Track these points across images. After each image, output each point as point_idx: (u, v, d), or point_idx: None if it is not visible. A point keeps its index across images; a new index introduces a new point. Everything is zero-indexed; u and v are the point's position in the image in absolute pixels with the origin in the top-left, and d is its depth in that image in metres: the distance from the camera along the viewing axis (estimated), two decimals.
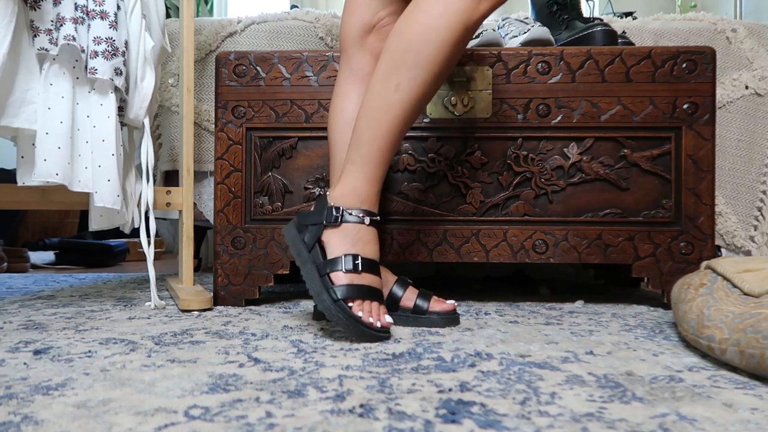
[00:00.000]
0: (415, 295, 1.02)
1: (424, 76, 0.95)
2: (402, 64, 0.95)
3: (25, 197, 1.28)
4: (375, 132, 0.96)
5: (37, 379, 0.66)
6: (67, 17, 1.12)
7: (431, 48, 0.94)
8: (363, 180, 0.96)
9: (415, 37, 0.95)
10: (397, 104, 0.95)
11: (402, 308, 1.01)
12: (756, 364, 0.67)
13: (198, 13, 2.20)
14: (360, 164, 0.96)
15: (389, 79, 0.96)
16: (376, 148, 0.96)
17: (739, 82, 1.59)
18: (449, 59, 0.95)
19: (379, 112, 0.96)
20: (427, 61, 0.94)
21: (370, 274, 0.92)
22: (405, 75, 0.95)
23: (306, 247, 0.95)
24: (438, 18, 0.94)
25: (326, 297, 0.89)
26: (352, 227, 0.94)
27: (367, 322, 0.87)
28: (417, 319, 1.00)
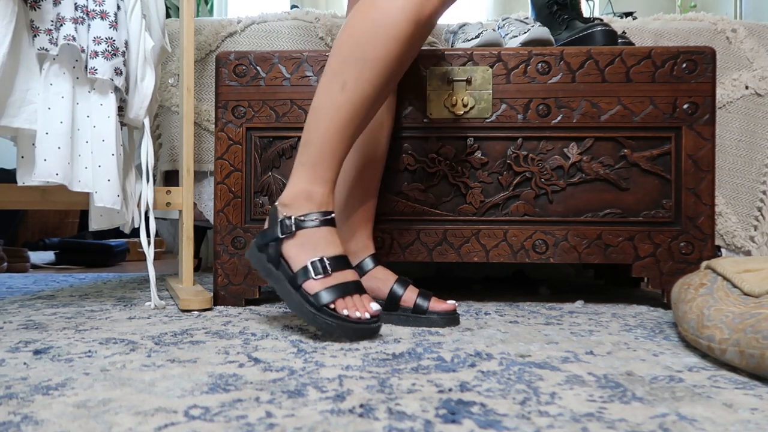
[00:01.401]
0: (415, 295, 1.01)
1: (370, 74, 0.91)
2: (349, 62, 0.92)
3: (25, 197, 1.28)
4: (324, 133, 0.92)
5: (37, 379, 0.66)
6: (67, 17, 1.12)
7: (379, 45, 0.90)
8: (313, 182, 0.93)
9: (362, 34, 0.91)
10: (345, 104, 0.92)
11: (402, 308, 1.01)
12: (756, 364, 0.67)
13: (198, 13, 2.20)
14: (309, 166, 0.93)
15: (336, 77, 0.93)
16: (326, 149, 0.92)
17: (739, 82, 1.59)
18: (399, 57, 0.92)
19: (327, 111, 0.93)
20: (375, 59, 0.91)
21: (341, 271, 0.90)
22: (352, 73, 0.91)
23: (273, 265, 0.93)
24: (386, 12, 0.90)
25: (308, 309, 0.88)
26: (308, 233, 0.91)
27: (355, 317, 0.86)
28: (417, 319, 1.00)
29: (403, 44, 0.91)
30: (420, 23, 0.91)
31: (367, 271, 1.06)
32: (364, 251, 1.08)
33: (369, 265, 1.06)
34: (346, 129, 0.93)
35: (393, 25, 0.90)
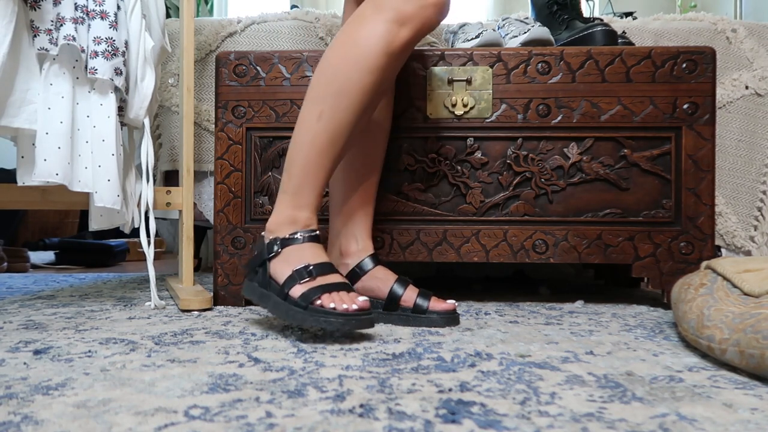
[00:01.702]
0: (415, 295, 1.01)
1: (346, 103, 0.95)
2: (325, 92, 0.96)
3: (25, 197, 1.28)
4: (304, 162, 0.96)
5: (37, 379, 0.66)
6: (67, 17, 1.12)
7: (353, 75, 0.94)
8: (296, 208, 0.96)
9: (338, 65, 0.96)
10: (321, 133, 0.95)
11: (402, 307, 1.01)
12: (756, 364, 0.67)
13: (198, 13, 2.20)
14: (292, 194, 0.97)
15: (314, 106, 0.96)
16: (307, 177, 0.96)
17: (739, 82, 1.59)
18: (373, 87, 0.95)
19: (306, 140, 0.96)
20: (348, 90, 0.94)
21: (326, 275, 0.91)
22: (328, 103, 0.95)
23: (264, 288, 0.95)
24: (360, 45, 0.94)
25: (295, 311, 0.88)
26: (291, 249, 0.94)
27: (342, 309, 0.85)
28: (417, 319, 1.00)
29: (377, 75, 0.95)
30: (391, 54, 0.95)
31: (366, 271, 1.06)
32: (363, 251, 1.08)
33: (368, 265, 1.06)
34: (324, 157, 0.96)
35: (367, 58, 0.94)
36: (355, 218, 1.09)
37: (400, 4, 0.93)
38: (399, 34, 0.94)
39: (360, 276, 1.06)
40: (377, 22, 0.94)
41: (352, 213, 1.10)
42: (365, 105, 0.96)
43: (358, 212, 1.10)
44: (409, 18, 0.94)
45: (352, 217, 1.10)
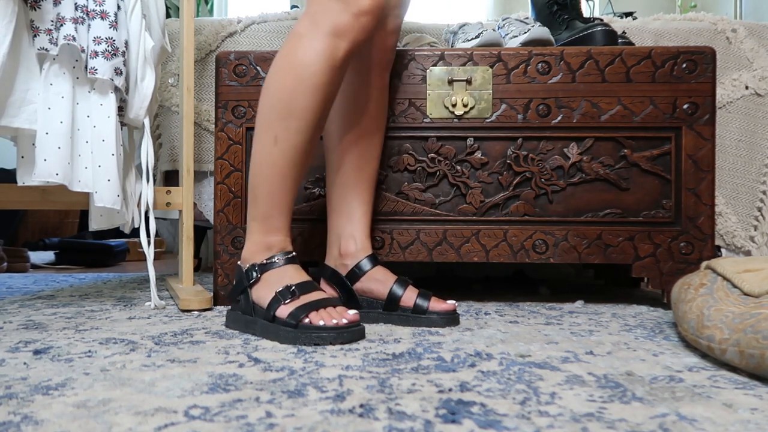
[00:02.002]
0: (415, 295, 1.01)
1: (298, 125, 0.95)
2: (275, 116, 0.95)
3: (25, 197, 1.28)
4: (268, 188, 0.96)
5: (37, 379, 0.66)
6: (67, 17, 1.12)
7: (299, 96, 0.94)
8: (268, 233, 0.97)
9: (283, 87, 0.95)
10: (279, 157, 0.95)
11: (402, 308, 1.01)
12: (756, 364, 0.67)
13: (198, 13, 2.20)
14: (261, 220, 0.97)
15: (268, 132, 0.96)
16: (273, 202, 0.96)
17: (739, 82, 1.59)
18: (322, 103, 0.95)
19: (265, 167, 0.96)
20: (299, 111, 0.94)
21: (309, 293, 0.91)
22: (281, 127, 0.95)
23: (249, 315, 0.94)
24: (303, 65, 0.94)
25: (286, 331, 0.87)
26: (270, 273, 0.94)
27: (332, 324, 0.85)
28: (417, 319, 1.00)
29: (324, 91, 0.95)
30: (336, 68, 0.94)
31: (365, 272, 1.06)
32: (361, 252, 1.08)
33: (367, 266, 1.06)
34: (286, 180, 0.96)
35: (311, 75, 0.94)
36: (353, 218, 1.09)
37: (335, 18, 0.93)
38: (339, 47, 0.93)
39: (359, 276, 1.06)
40: (315, 39, 0.94)
41: (351, 213, 1.09)
42: (317, 123, 0.96)
43: (356, 212, 1.09)
44: (346, 30, 0.93)
45: (350, 217, 1.09)
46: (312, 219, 1.23)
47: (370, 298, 1.05)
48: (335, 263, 1.09)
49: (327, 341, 0.84)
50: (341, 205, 1.10)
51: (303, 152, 0.96)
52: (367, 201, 1.11)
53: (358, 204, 1.10)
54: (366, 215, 1.11)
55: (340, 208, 1.10)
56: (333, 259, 1.09)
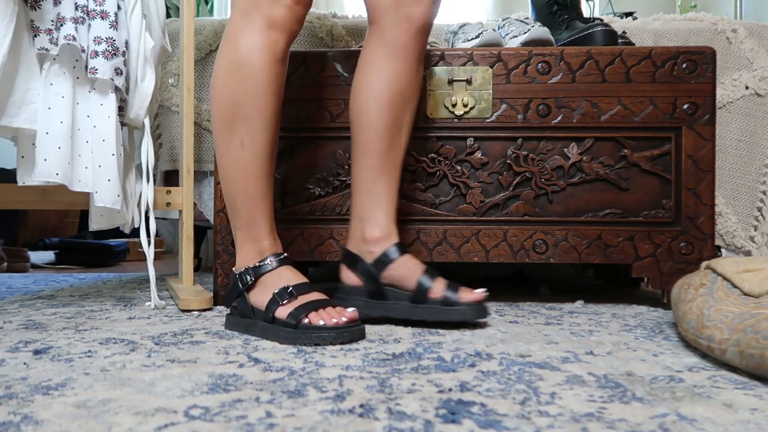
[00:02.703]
0: (443, 286, 0.98)
1: (260, 124, 0.94)
2: (235, 120, 0.95)
3: (25, 197, 1.27)
4: (244, 195, 0.96)
5: (37, 379, 0.66)
6: (68, 17, 1.12)
7: (254, 96, 0.94)
8: (256, 239, 0.97)
9: (235, 88, 0.94)
10: (250, 161, 0.95)
11: (431, 300, 0.97)
12: (756, 364, 0.67)
13: (198, 13, 2.20)
14: (245, 229, 0.97)
15: (231, 138, 0.95)
16: (253, 208, 0.96)
17: (739, 83, 1.59)
18: (275, 98, 0.95)
19: (238, 173, 0.96)
20: (258, 109, 0.94)
21: (307, 294, 0.91)
22: (243, 129, 0.94)
23: (248, 318, 0.94)
24: (248, 62, 0.94)
25: (286, 332, 0.87)
26: (266, 277, 0.94)
27: (332, 324, 0.85)
28: (447, 311, 0.96)
29: (272, 86, 0.95)
30: (279, 60, 0.95)
31: (393, 260, 1.00)
32: (388, 239, 1.02)
33: (394, 254, 1.01)
34: (261, 182, 0.96)
35: (258, 72, 0.93)
36: (379, 201, 1.03)
37: (269, 11, 0.93)
38: (279, 40, 0.94)
39: (386, 265, 1.00)
40: (253, 35, 0.93)
41: (377, 196, 1.03)
42: (275, 116, 0.96)
43: (382, 196, 1.03)
44: (282, 22, 0.94)
45: (376, 200, 1.03)
46: (312, 219, 1.23)
47: (397, 289, 1.00)
48: (359, 249, 1.03)
49: (327, 341, 0.84)
50: (367, 188, 1.04)
51: (271, 149, 0.97)
52: (394, 186, 1.05)
53: (385, 188, 1.04)
54: (392, 200, 1.04)
55: (367, 190, 1.04)
56: (356, 244, 1.04)
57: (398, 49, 1.01)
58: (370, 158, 1.03)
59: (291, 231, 1.21)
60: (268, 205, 0.97)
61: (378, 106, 1.02)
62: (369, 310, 1.00)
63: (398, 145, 1.05)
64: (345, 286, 1.03)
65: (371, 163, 1.04)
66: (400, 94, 1.02)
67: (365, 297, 1.01)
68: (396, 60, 1.01)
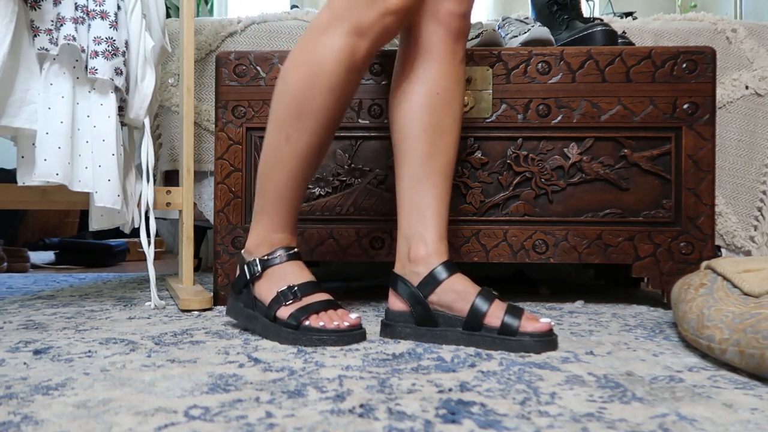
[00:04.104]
0: (502, 312, 0.84)
1: (312, 125, 0.91)
2: (289, 115, 0.91)
3: (25, 197, 1.28)
4: (275, 184, 0.94)
5: (37, 379, 0.66)
6: (68, 17, 1.12)
7: (315, 96, 0.90)
8: (272, 229, 0.95)
9: (298, 86, 0.91)
10: (290, 157, 0.92)
11: (486, 327, 0.84)
12: (756, 364, 0.67)
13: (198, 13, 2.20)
14: (267, 215, 0.95)
15: (280, 129, 0.93)
16: (280, 199, 0.94)
17: (739, 82, 1.59)
18: (338, 104, 0.91)
19: (276, 164, 0.93)
20: (313, 110, 0.90)
21: (312, 294, 0.90)
22: (294, 126, 0.91)
23: (250, 309, 0.94)
24: (320, 63, 0.89)
25: (287, 332, 0.86)
26: (273, 270, 0.93)
27: (333, 327, 0.85)
28: (505, 342, 0.82)
29: (340, 92, 0.90)
30: (353, 69, 0.89)
31: (440, 281, 0.89)
32: (435, 257, 0.91)
33: (442, 274, 0.89)
34: (296, 178, 0.94)
35: (328, 75, 0.89)
36: (424, 217, 0.94)
37: (359, 15, 0.87)
38: (359, 47, 0.88)
39: (433, 287, 0.89)
40: (335, 36, 0.88)
41: (421, 211, 0.94)
42: (332, 124, 0.93)
43: (427, 210, 0.94)
44: (368, 29, 0.88)
45: (421, 215, 0.94)
46: (312, 219, 1.23)
47: (448, 314, 0.87)
48: (404, 270, 0.93)
49: (328, 344, 0.84)
50: (411, 201, 0.95)
51: (315, 153, 0.93)
52: (440, 196, 0.95)
53: (430, 200, 0.94)
54: (440, 214, 0.95)
55: (410, 204, 0.95)
56: (401, 266, 0.94)
57: (429, 48, 0.95)
58: (411, 166, 0.96)
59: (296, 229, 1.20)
60: (295, 203, 0.95)
61: (413, 110, 0.96)
62: (417, 338, 0.89)
63: (441, 151, 0.96)
64: (391, 311, 0.93)
65: (412, 171, 0.96)
66: (437, 95, 0.96)
67: (413, 323, 0.89)
68: (429, 60, 0.96)
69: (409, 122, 0.96)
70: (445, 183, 0.96)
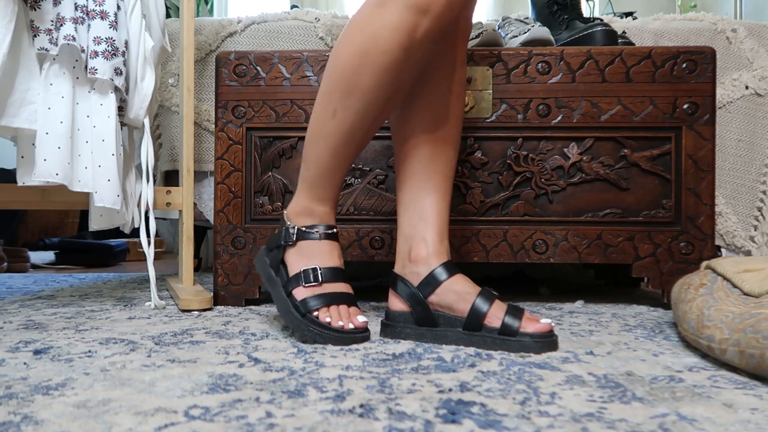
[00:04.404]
0: (502, 312, 0.84)
1: (359, 105, 0.87)
2: (337, 90, 0.88)
3: (25, 197, 1.28)
4: (319, 156, 0.92)
5: (37, 379, 0.66)
6: (67, 17, 1.12)
7: (365, 75, 0.85)
8: (313, 200, 0.94)
9: (348, 62, 0.86)
10: (335, 132, 0.89)
11: (486, 327, 0.84)
12: (756, 364, 0.67)
13: (198, 13, 2.20)
14: (309, 184, 0.94)
15: (328, 103, 0.89)
16: (323, 171, 0.92)
17: (739, 82, 1.59)
18: (391, 86, 0.86)
19: (320, 136, 0.91)
20: (362, 89, 0.86)
21: (333, 283, 0.90)
22: (341, 102, 0.88)
23: (274, 271, 0.94)
24: (373, 38, 0.83)
25: (293, 314, 0.88)
26: (307, 243, 0.92)
27: (337, 326, 0.85)
28: (505, 342, 0.82)
29: (392, 73, 0.85)
30: (412, 49, 0.83)
31: (440, 282, 0.88)
32: (435, 257, 0.91)
33: (442, 275, 0.89)
34: (338, 154, 0.91)
35: (381, 54, 0.83)
36: (425, 217, 0.93)
37: None
38: (420, 25, 0.81)
39: (433, 288, 0.88)
40: (394, 11, 0.81)
41: (422, 211, 0.94)
42: (383, 105, 0.88)
43: (428, 210, 0.94)
44: (431, 4, 0.81)
45: (422, 216, 0.93)
46: None
47: (449, 315, 0.87)
48: (404, 270, 0.92)
49: (328, 341, 0.85)
50: (412, 202, 0.95)
51: (361, 133, 0.90)
52: (441, 197, 0.95)
53: (431, 200, 0.94)
54: (441, 214, 0.94)
55: (411, 205, 0.95)
56: (402, 266, 0.93)
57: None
58: (412, 167, 0.95)
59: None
60: (337, 179, 0.93)
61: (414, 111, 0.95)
62: (418, 339, 0.89)
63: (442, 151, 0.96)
64: (391, 311, 0.92)
65: (413, 172, 0.95)
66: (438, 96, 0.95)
67: (413, 324, 0.89)
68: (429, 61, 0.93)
69: (410, 123, 0.95)
70: (446, 183, 0.96)
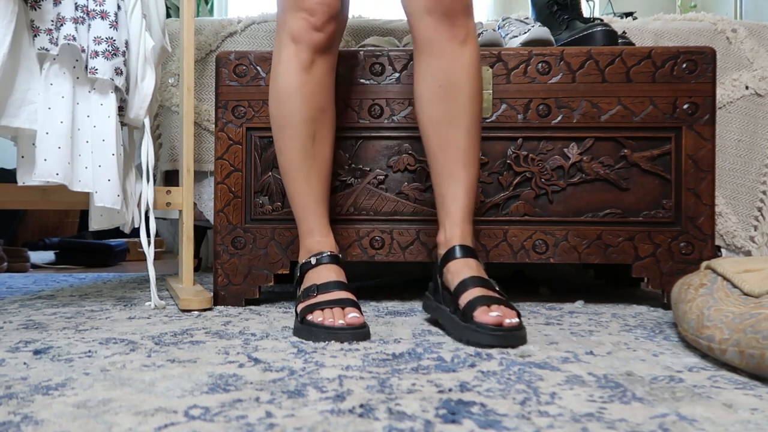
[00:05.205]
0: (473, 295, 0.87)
1: (291, 131, 1.04)
2: (275, 128, 1.07)
3: (25, 197, 1.28)
4: (291, 195, 1.07)
5: (37, 379, 0.66)
6: (68, 17, 1.12)
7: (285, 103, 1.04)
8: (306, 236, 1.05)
9: (272, 97, 1.06)
10: (287, 165, 1.06)
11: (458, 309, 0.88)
12: (756, 364, 0.67)
13: (198, 13, 2.20)
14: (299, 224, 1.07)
15: (276, 144, 1.07)
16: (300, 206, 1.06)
17: (739, 83, 1.59)
18: (304, 106, 1.03)
19: (284, 177, 1.08)
20: (287, 117, 1.04)
21: (327, 293, 0.95)
22: (279, 136, 1.06)
23: None
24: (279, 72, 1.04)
25: (295, 323, 0.95)
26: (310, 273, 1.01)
27: (327, 324, 0.88)
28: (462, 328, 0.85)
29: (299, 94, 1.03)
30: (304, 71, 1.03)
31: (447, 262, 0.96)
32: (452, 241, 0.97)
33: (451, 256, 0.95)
34: (298, 182, 1.05)
35: (286, 82, 1.03)
36: (444, 204, 0.99)
37: (293, 25, 1.01)
38: (299, 51, 1.01)
39: (443, 266, 0.96)
40: (284, 46, 1.02)
41: (442, 199, 1.00)
42: (307, 125, 1.03)
43: (447, 197, 0.99)
44: (298, 33, 1.01)
45: (442, 203, 1.00)
46: None
47: (447, 292, 0.94)
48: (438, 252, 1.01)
49: (319, 338, 0.88)
50: (437, 191, 1.01)
51: (303, 155, 1.04)
52: (458, 184, 0.98)
53: (448, 189, 0.99)
54: (458, 198, 0.98)
55: (437, 194, 1.01)
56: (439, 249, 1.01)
57: (425, 41, 0.98)
58: (430, 158, 1.02)
59: (291, 231, 1.21)
60: (311, 205, 1.05)
61: (421, 105, 1.01)
62: (433, 313, 1.00)
63: (452, 141, 0.98)
64: (431, 287, 1.02)
65: (432, 163, 1.02)
66: (440, 88, 0.98)
67: (434, 299, 0.99)
68: (426, 53, 0.99)
69: (421, 117, 1.02)
70: (462, 171, 0.98)
